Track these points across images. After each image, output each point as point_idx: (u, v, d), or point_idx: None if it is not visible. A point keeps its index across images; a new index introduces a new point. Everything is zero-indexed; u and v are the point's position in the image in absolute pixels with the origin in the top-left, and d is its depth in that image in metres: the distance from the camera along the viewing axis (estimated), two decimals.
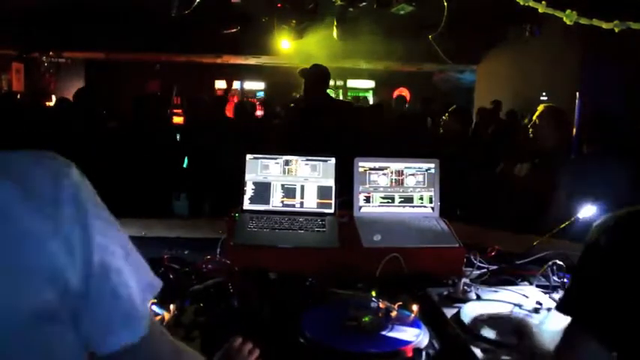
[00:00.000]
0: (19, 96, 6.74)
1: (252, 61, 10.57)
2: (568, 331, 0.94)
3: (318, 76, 3.48)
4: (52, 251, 0.62)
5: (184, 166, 4.19)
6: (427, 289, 1.52)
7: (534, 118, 3.00)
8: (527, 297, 1.47)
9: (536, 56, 6.94)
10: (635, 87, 5.29)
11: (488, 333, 1.24)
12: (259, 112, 8.22)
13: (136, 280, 0.71)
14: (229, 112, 6.03)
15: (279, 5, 7.20)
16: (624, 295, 0.89)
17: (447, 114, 4.17)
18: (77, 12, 7.39)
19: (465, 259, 1.77)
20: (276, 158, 2.02)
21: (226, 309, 1.39)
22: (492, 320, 1.31)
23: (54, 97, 8.11)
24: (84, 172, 0.70)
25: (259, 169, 2.01)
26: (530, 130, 3.03)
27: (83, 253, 0.64)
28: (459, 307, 1.38)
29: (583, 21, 2.26)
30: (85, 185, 0.68)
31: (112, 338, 0.68)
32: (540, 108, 3.02)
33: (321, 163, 2.02)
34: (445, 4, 4.45)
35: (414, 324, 1.30)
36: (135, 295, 0.70)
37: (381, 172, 2.00)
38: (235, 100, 9.22)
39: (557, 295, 1.50)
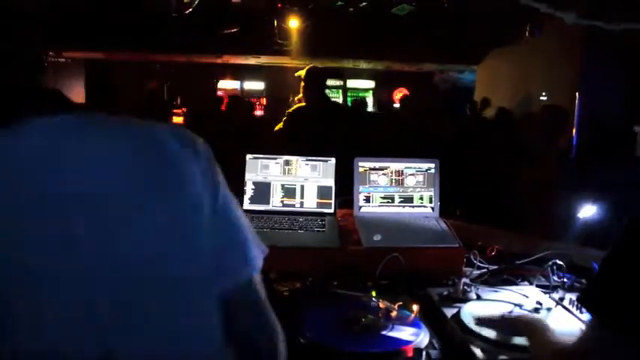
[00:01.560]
0: None
1: (252, 61, 10.56)
2: (590, 328, 0.91)
3: (311, 77, 3.50)
4: (199, 189, 0.75)
5: None
6: (427, 289, 1.52)
7: (533, 118, 3.00)
8: (527, 297, 1.47)
9: (536, 56, 6.93)
10: (635, 87, 5.29)
11: (489, 333, 1.24)
12: (259, 112, 8.21)
13: (251, 234, 0.82)
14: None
15: (279, 5, 7.21)
16: None
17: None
18: (77, 12, 7.38)
19: (464, 259, 1.77)
20: (275, 158, 2.02)
21: None
22: (494, 320, 1.30)
23: None
24: None
25: (259, 169, 2.01)
26: (529, 132, 3.03)
27: (213, 198, 0.76)
28: (459, 307, 1.38)
29: (583, 22, 2.26)
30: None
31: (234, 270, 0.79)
32: (539, 108, 3.02)
33: (321, 163, 2.02)
34: (445, 4, 4.46)
35: (414, 324, 1.30)
36: (250, 239, 0.82)
37: (381, 172, 2.00)
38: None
39: (558, 295, 1.49)
